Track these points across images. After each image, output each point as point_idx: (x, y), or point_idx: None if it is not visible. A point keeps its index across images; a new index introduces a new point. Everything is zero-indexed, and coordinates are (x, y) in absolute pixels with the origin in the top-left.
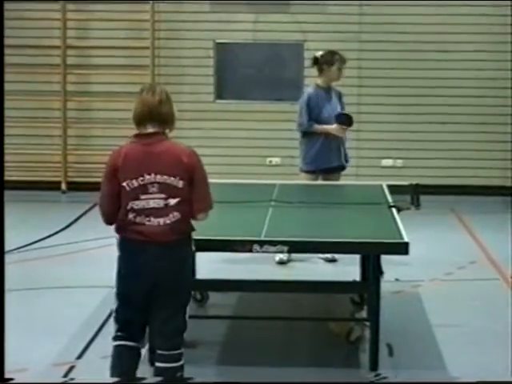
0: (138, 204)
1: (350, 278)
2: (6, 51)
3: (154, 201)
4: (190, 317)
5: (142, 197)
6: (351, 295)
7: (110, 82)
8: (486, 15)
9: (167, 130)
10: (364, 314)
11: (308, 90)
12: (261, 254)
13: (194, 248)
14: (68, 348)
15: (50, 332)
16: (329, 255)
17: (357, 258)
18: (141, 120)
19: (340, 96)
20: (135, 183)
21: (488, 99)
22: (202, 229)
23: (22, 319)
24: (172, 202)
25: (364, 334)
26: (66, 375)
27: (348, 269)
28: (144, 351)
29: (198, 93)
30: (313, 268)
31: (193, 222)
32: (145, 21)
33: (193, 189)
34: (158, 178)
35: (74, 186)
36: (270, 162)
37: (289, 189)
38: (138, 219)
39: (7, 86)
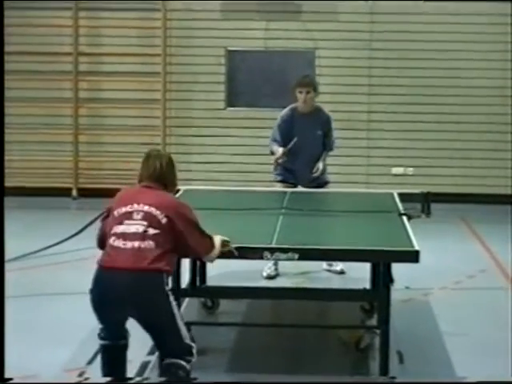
0: (119, 228)
1: (359, 286)
2: (18, 58)
3: (135, 226)
4: (201, 324)
5: (126, 222)
6: (361, 303)
7: (122, 89)
8: (496, 24)
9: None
10: (374, 321)
11: (284, 110)
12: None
13: (170, 296)
14: (78, 354)
15: (60, 338)
16: (337, 267)
17: (367, 265)
18: (143, 180)
19: (327, 122)
20: (123, 210)
21: (499, 107)
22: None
23: (31, 325)
24: (152, 231)
25: (374, 342)
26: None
27: (358, 276)
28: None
29: (209, 100)
30: (323, 276)
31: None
32: (156, 28)
33: (187, 237)
34: (146, 208)
35: (85, 193)
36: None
37: (299, 196)
38: (116, 243)
39: (19, 93)
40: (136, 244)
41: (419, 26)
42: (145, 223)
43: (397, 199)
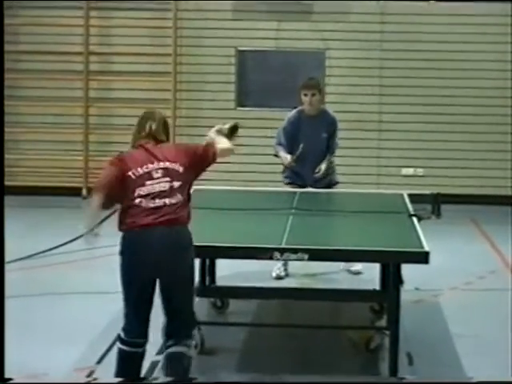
0: (143, 190)
1: (369, 287)
2: (29, 57)
3: (160, 185)
4: (210, 323)
5: (148, 182)
6: (371, 304)
7: (132, 89)
8: (509, 25)
9: None
10: (384, 322)
11: (291, 112)
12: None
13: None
14: (88, 353)
15: (69, 337)
16: (353, 268)
17: (377, 266)
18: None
19: (332, 124)
20: (140, 171)
21: (510, 109)
22: (223, 236)
23: (40, 325)
24: (176, 184)
25: (383, 343)
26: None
27: (368, 277)
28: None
29: (220, 100)
30: (332, 276)
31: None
32: (167, 28)
33: (199, 151)
34: (161, 164)
35: None
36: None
37: (309, 197)
38: (144, 203)
39: (30, 92)
40: (167, 201)
41: (430, 26)
42: (167, 179)
43: (407, 200)
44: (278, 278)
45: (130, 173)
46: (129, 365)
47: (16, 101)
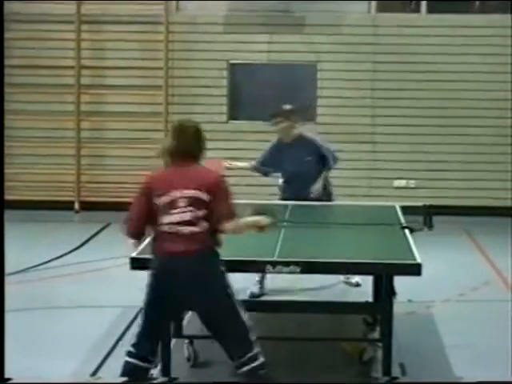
0: (168, 218)
1: (362, 299)
2: (21, 71)
3: (183, 214)
4: (204, 337)
5: (172, 211)
6: (364, 316)
7: (124, 102)
8: (499, 36)
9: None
10: (377, 334)
11: (275, 141)
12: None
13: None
14: (81, 367)
15: (62, 351)
16: (353, 280)
17: (369, 278)
18: (172, 157)
19: (311, 144)
20: (165, 199)
21: (501, 120)
22: None
23: (34, 338)
24: (200, 213)
25: (377, 355)
26: None
27: (360, 289)
28: None
29: (212, 113)
30: (325, 289)
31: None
32: (159, 41)
33: (216, 204)
34: (186, 192)
35: (87, 206)
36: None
37: (301, 209)
38: (170, 230)
39: (22, 106)
40: (191, 228)
41: (422, 38)
42: (191, 208)
43: (399, 212)
44: (253, 296)
45: (156, 201)
46: (131, 377)
47: (8, 115)
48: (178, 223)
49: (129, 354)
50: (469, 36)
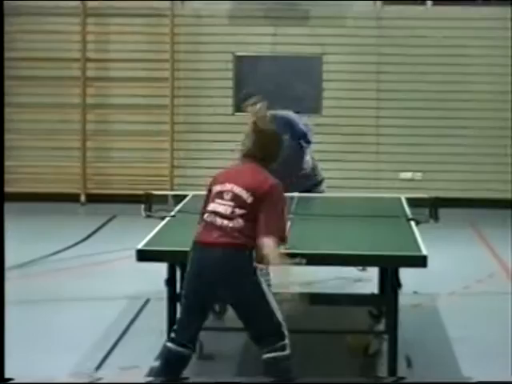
0: (211, 206)
1: (367, 291)
2: (26, 64)
3: (224, 207)
4: (208, 329)
5: (217, 200)
6: (369, 308)
7: (130, 95)
8: (505, 29)
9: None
10: (382, 326)
11: None
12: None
13: (257, 272)
14: (86, 360)
15: (67, 344)
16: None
17: (375, 270)
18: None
19: (284, 122)
20: (218, 188)
21: (508, 112)
22: None
23: (38, 331)
24: (238, 211)
25: (382, 347)
26: None
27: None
28: None
29: (217, 105)
30: (331, 280)
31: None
32: (164, 34)
33: (261, 213)
34: (235, 189)
35: (93, 198)
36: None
37: (307, 201)
38: (209, 219)
39: (27, 99)
40: (225, 222)
41: (427, 30)
42: (231, 204)
43: (405, 204)
44: None
45: (213, 187)
46: (171, 363)
47: (13, 108)
48: (217, 213)
49: (169, 338)
50: (474, 28)
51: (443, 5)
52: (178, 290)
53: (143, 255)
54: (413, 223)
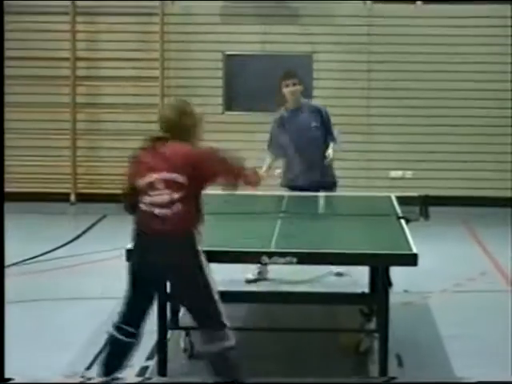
0: (147, 199)
1: (359, 290)
2: (17, 63)
3: (161, 197)
4: (198, 328)
5: (150, 192)
6: (360, 306)
7: (120, 94)
8: (496, 26)
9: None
10: (373, 325)
11: (276, 116)
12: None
13: (200, 246)
14: (77, 359)
15: (58, 343)
16: (340, 270)
17: (366, 269)
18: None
19: (318, 111)
20: (145, 180)
21: (498, 110)
22: (211, 240)
23: (29, 330)
24: (176, 195)
25: (373, 346)
26: None
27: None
28: None
29: (207, 104)
30: (322, 279)
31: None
32: (154, 32)
33: (211, 170)
34: (164, 175)
35: (83, 198)
36: (280, 173)
37: (298, 200)
38: (148, 210)
39: (17, 98)
40: (165, 211)
41: (418, 28)
42: (168, 191)
43: (395, 202)
44: (248, 281)
45: (137, 181)
46: (114, 351)
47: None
48: (156, 204)
49: (112, 325)
50: (465, 26)
51: (433, 3)
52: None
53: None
54: (403, 221)
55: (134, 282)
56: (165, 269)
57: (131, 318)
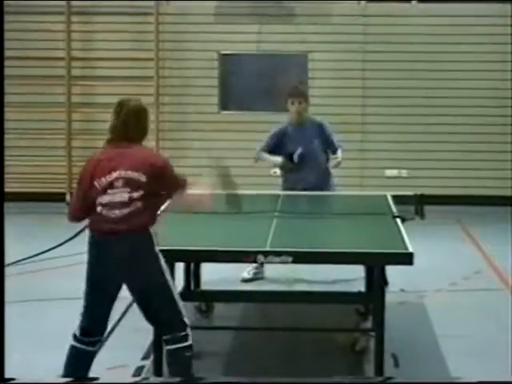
0: (105, 199)
1: (354, 289)
2: (11, 63)
3: (119, 195)
4: (196, 328)
5: (109, 191)
6: (356, 306)
7: (115, 94)
8: (492, 25)
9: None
10: (369, 324)
11: (280, 126)
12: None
13: (157, 246)
14: None
15: (55, 343)
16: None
17: (361, 268)
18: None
19: (320, 127)
20: (104, 180)
21: (494, 109)
22: (206, 240)
23: (25, 331)
24: (136, 194)
25: (369, 345)
26: None
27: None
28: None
29: (203, 104)
30: (317, 278)
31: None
32: (149, 32)
33: (165, 183)
34: (123, 173)
35: None
36: (275, 172)
37: (293, 199)
38: (105, 212)
39: (12, 98)
40: (124, 211)
41: (413, 27)
42: (127, 189)
43: (390, 201)
44: (244, 280)
45: (95, 182)
46: (77, 361)
47: None
48: (114, 204)
49: (74, 337)
50: (460, 25)
51: (428, 2)
52: None
53: None
54: (399, 220)
55: (93, 285)
56: (123, 268)
57: (93, 326)
